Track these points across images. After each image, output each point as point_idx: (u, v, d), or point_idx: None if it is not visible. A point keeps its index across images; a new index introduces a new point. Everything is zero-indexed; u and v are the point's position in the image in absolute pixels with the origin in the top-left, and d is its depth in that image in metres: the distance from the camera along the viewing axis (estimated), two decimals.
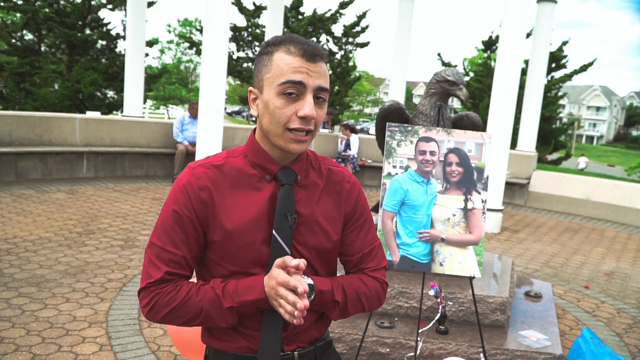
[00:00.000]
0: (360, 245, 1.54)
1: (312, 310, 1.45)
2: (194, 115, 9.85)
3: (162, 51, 43.23)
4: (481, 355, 3.21)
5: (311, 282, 1.39)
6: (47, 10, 15.70)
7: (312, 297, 1.39)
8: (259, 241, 1.40)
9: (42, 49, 16.66)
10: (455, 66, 20.25)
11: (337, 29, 20.54)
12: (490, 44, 19.30)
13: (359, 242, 1.54)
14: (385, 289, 1.58)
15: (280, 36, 1.39)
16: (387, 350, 3.65)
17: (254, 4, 18.70)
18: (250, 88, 1.43)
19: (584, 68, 18.03)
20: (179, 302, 1.36)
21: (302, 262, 1.30)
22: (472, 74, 20.21)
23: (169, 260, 1.37)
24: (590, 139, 79.13)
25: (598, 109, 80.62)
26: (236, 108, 52.59)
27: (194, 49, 21.57)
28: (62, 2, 16.01)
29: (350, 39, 19.51)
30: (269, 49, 1.38)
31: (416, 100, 45.85)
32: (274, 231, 1.39)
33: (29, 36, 16.70)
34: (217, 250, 1.41)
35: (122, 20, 16.22)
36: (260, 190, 1.42)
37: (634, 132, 77.81)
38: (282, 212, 1.40)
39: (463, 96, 3.88)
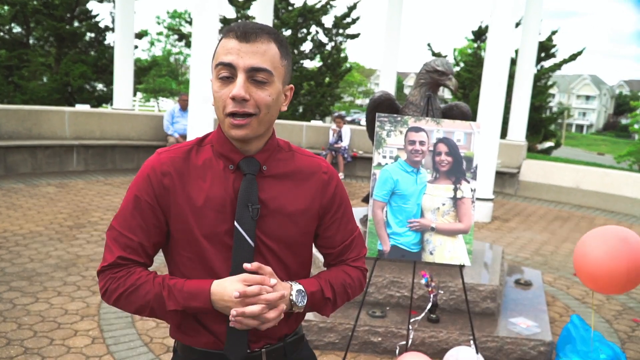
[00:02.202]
0: (341, 238, 1.53)
1: (290, 312, 1.43)
2: (183, 107, 9.82)
3: (151, 43, 42.90)
4: (472, 342, 3.24)
5: (300, 287, 1.39)
6: (35, 2, 15.55)
7: (305, 301, 1.39)
8: (222, 233, 1.37)
9: (31, 41, 16.51)
10: (445, 56, 20.28)
11: (328, 21, 20.47)
12: (480, 34, 19.33)
13: (340, 234, 1.53)
14: (366, 275, 1.60)
15: (230, 25, 1.38)
16: (379, 339, 3.68)
17: None
18: (210, 78, 1.42)
19: (573, 57, 18.10)
20: (126, 289, 1.35)
21: (252, 266, 1.31)
22: (462, 64, 20.24)
23: (125, 245, 1.36)
24: (580, 127, 79.53)
25: (587, 97, 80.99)
26: None
27: (184, 40, 21.44)
28: None
29: (341, 30, 19.46)
30: (218, 39, 1.38)
31: (407, 91, 45.88)
32: (235, 222, 1.36)
33: (17, 29, 16.54)
34: (179, 239, 1.39)
35: (111, 12, 16.10)
36: (225, 180, 1.39)
37: (623, 121, 78.21)
38: (243, 202, 1.37)
39: (452, 86, 3.90)
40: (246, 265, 1.32)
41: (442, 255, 3.03)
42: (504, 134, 11.41)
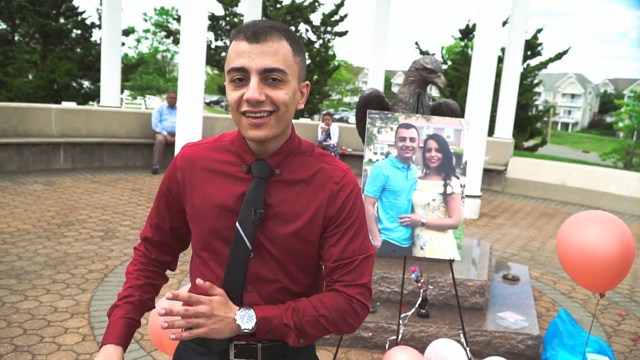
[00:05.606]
0: (338, 252, 1.39)
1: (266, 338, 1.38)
2: (171, 105, 9.79)
3: (138, 40, 42.68)
4: (461, 336, 3.28)
5: (246, 311, 1.34)
6: None
7: (252, 324, 1.32)
8: (223, 229, 1.40)
9: (16, 38, 16.37)
10: (433, 54, 20.38)
11: (316, 18, 20.50)
12: (468, 33, 19.45)
13: (337, 248, 1.39)
14: (357, 309, 1.40)
15: (239, 26, 1.35)
16: (370, 334, 3.71)
17: None
18: (226, 82, 1.41)
19: (559, 56, 18.28)
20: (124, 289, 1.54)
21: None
22: (449, 62, 20.35)
23: (149, 224, 1.58)
24: (565, 125, 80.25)
25: (573, 96, 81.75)
26: (214, 98, 52.27)
27: (171, 38, 21.38)
28: None
29: (329, 28, 19.51)
30: (230, 40, 1.37)
31: (395, 89, 46.06)
32: (237, 223, 1.37)
33: (1, 25, 16.38)
34: (191, 226, 1.48)
35: (97, 9, 16.03)
36: (236, 179, 1.40)
37: (608, 119, 79.01)
38: (248, 205, 1.36)
39: (441, 84, 3.94)
40: (199, 281, 1.31)
41: (433, 250, 3.06)
42: (491, 132, 11.49)
